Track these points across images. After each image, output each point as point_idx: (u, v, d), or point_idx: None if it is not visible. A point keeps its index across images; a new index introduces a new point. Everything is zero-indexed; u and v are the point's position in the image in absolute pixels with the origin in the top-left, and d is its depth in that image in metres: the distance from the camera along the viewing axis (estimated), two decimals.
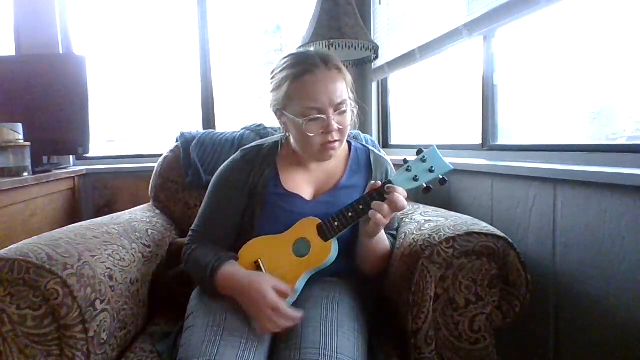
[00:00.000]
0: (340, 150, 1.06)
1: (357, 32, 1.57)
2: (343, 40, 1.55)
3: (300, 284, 0.90)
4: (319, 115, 0.90)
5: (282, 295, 0.85)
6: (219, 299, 0.88)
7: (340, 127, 0.92)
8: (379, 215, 0.85)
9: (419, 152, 0.89)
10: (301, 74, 0.91)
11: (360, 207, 0.89)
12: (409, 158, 0.90)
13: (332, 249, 0.90)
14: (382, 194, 0.87)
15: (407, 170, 0.89)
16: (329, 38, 1.54)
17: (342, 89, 0.93)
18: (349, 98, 0.96)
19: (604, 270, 0.88)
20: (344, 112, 0.93)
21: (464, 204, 1.36)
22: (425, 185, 0.87)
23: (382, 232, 0.96)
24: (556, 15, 1.16)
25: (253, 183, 1.00)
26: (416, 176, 0.87)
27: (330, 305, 0.88)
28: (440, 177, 0.87)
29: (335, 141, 0.93)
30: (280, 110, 0.96)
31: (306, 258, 0.91)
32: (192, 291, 0.98)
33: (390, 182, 0.88)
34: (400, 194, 0.85)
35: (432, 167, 0.87)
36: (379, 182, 0.90)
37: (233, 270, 0.89)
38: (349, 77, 0.99)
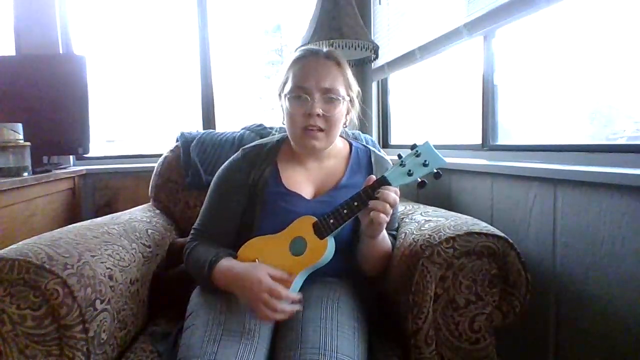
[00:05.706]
0: (341, 150, 1.06)
1: (357, 32, 1.57)
2: (343, 40, 1.55)
3: (297, 282, 0.90)
4: (303, 95, 0.94)
5: (278, 281, 0.85)
6: (219, 296, 0.88)
7: (326, 115, 0.94)
8: (374, 212, 0.85)
9: (413, 147, 0.89)
10: (300, 59, 0.99)
11: (355, 203, 0.88)
12: (403, 154, 0.90)
13: (328, 247, 0.90)
14: (375, 189, 0.87)
15: (401, 165, 0.89)
16: (329, 38, 1.54)
17: (335, 78, 0.96)
18: (346, 95, 0.97)
19: (604, 270, 0.88)
20: (332, 100, 0.95)
21: (464, 204, 1.36)
22: (419, 180, 0.87)
23: (384, 231, 0.96)
24: (556, 15, 1.16)
25: (253, 182, 1.00)
26: (410, 170, 0.87)
27: (330, 305, 0.88)
28: (435, 170, 0.87)
29: (318, 129, 0.94)
30: (280, 93, 1.01)
31: (302, 256, 0.90)
32: (192, 291, 0.98)
33: (384, 177, 0.88)
34: (389, 191, 0.86)
35: (425, 161, 0.87)
36: (373, 177, 0.90)
37: (229, 264, 0.89)
38: (349, 75, 1.00)
